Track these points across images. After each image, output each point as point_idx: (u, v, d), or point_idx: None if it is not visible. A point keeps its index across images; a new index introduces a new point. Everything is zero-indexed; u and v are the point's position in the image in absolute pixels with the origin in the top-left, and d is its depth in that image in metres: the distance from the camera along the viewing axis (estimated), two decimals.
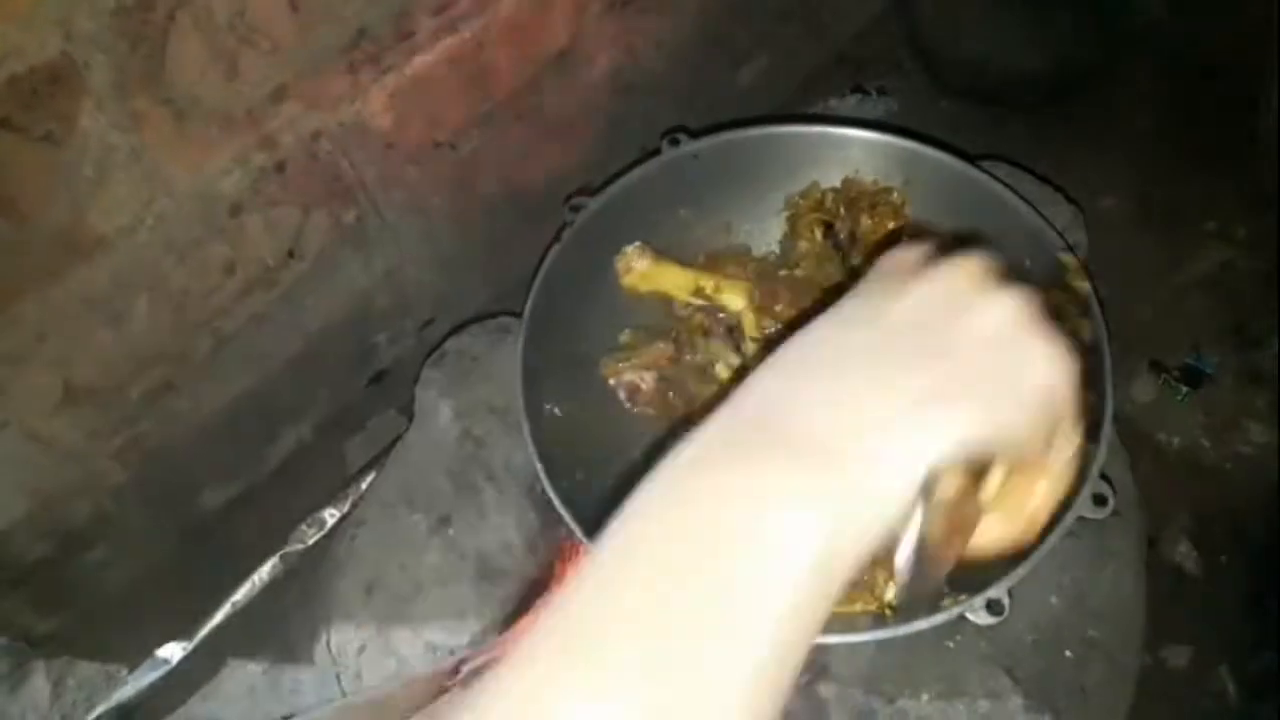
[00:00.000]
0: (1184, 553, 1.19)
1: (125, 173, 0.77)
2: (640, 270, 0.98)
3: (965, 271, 0.43)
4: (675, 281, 0.98)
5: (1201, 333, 1.32)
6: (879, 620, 0.72)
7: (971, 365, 0.40)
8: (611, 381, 0.96)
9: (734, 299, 0.97)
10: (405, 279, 1.09)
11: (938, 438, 0.38)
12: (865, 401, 0.38)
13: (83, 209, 0.77)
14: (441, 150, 1.02)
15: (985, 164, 0.96)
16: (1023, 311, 0.41)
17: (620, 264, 0.98)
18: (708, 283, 0.98)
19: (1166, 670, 1.13)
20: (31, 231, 0.75)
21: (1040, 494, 0.47)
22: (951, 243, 0.47)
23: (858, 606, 0.79)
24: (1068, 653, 0.83)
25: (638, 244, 0.98)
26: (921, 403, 0.38)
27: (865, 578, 0.79)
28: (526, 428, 0.80)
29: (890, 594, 0.79)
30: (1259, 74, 1.40)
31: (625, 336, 0.99)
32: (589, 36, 1.08)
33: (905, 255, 0.46)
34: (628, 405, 0.96)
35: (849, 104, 1.48)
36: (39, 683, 0.99)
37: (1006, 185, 0.87)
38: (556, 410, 0.88)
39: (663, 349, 0.97)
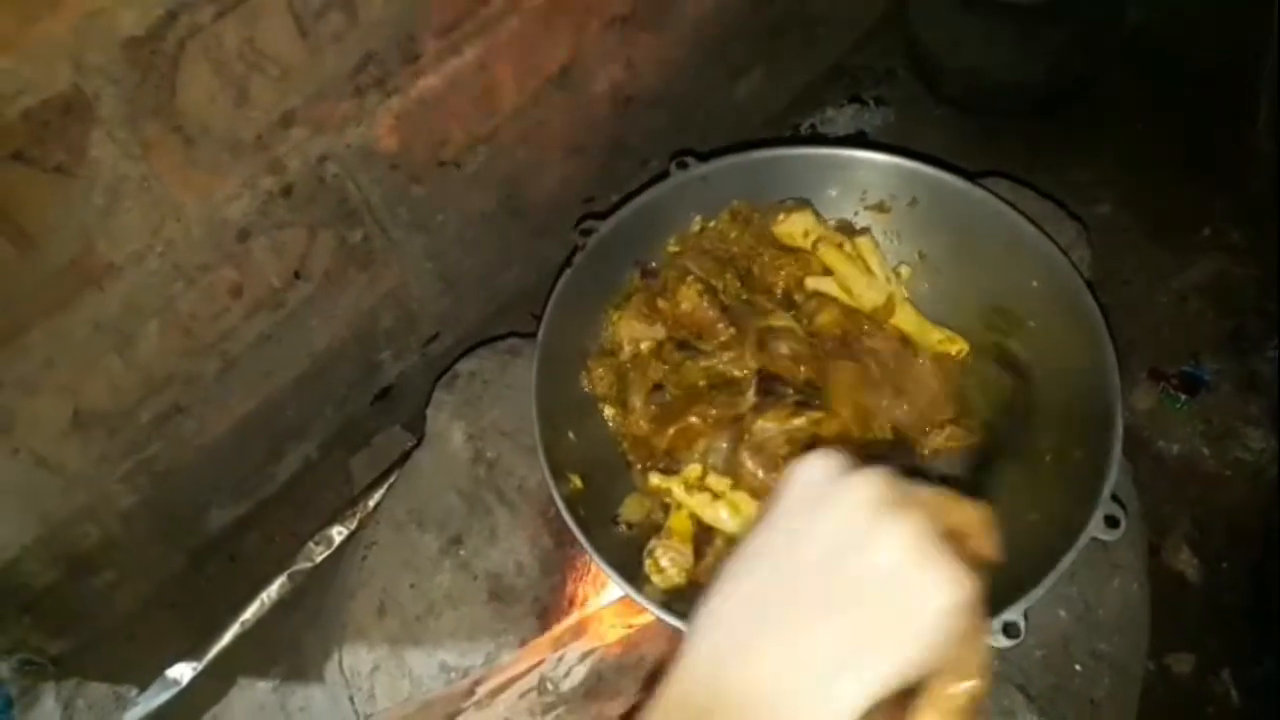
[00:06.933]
0: (1185, 560, 1.20)
1: (135, 201, 0.77)
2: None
3: (865, 497, 0.44)
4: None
5: (1199, 340, 1.33)
6: None
7: (877, 606, 0.42)
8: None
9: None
10: (410, 296, 1.09)
11: (856, 691, 0.41)
12: (788, 666, 0.42)
13: (93, 237, 0.77)
14: (446, 169, 1.02)
15: (987, 181, 0.97)
16: (919, 538, 0.43)
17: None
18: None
19: (1170, 677, 1.14)
20: (42, 260, 0.75)
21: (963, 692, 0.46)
22: (858, 452, 0.48)
23: None
24: (1077, 666, 0.84)
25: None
26: (839, 659, 0.41)
27: None
28: (542, 452, 0.80)
29: None
30: (1252, 80, 1.41)
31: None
32: (589, 53, 1.09)
33: (812, 472, 0.47)
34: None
35: (846, 114, 1.49)
36: (49, 705, 1.00)
37: (1011, 204, 0.88)
38: (571, 434, 0.88)
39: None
